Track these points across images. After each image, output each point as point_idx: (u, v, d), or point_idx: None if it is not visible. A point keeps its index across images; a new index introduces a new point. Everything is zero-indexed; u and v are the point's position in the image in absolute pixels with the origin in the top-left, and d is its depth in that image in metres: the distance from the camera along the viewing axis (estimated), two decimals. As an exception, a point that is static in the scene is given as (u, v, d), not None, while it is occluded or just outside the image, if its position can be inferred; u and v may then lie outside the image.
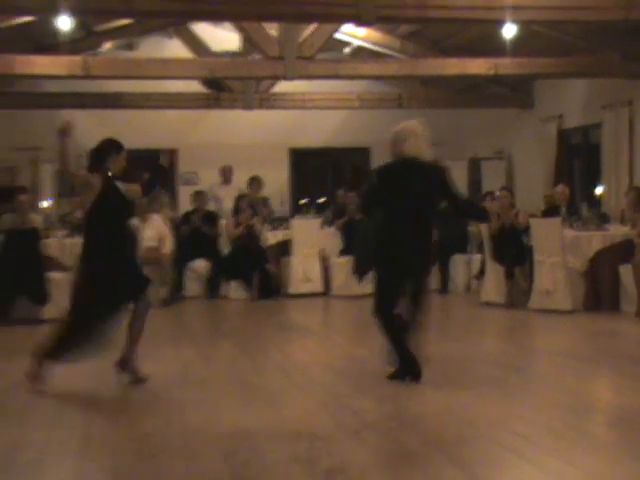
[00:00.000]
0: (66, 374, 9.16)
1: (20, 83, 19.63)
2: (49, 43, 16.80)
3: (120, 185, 9.44)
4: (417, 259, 9.47)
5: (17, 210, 14.95)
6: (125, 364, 9.14)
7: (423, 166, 9.53)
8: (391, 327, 9.31)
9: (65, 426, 7.75)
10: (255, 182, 18.76)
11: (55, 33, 15.07)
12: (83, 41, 18.47)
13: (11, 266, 14.12)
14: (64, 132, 9.25)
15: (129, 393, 9.09)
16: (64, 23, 13.99)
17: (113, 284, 9.02)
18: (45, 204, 17.03)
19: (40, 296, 14.17)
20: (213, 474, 6.10)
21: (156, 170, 10.16)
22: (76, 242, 15.52)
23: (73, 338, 8.98)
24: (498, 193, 17.30)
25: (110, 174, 9.19)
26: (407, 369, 9.25)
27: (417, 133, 9.82)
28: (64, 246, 15.59)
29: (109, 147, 9.33)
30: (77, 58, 16.72)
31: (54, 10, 12.52)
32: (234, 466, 6.25)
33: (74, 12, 12.85)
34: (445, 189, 9.55)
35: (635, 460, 6.31)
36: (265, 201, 19.00)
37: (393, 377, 9.30)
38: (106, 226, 9.14)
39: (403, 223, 9.39)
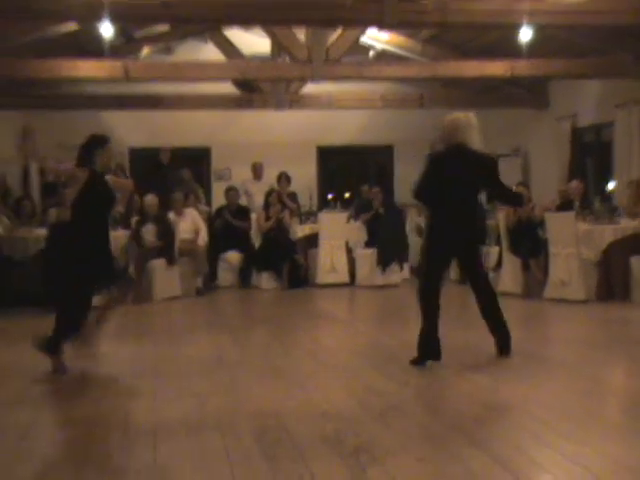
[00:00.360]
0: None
1: (65, 85, 19.68)
2: (92, 49, 16.83)
3: (109, 179, 9.54)
4: (465, 241, 9.67)
5: (62, 204, 14.96)
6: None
7: (475, 154, 9.52)
8: (432, 310, 9.45)
9: (111, 406, 7.78)
10: (283, 178, 18.76)
11: (98, 39, 15.07)
12: (124, 47, 18.51)
13: (54, 258, 14.14)
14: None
15: (167, 375, 9.11)
16: (106, 30, 14.02)
17: (85, 270, 9.14)
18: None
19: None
20: (245, 451, 6.11)
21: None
22: (118, 235, 15.64)
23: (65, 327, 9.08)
24: (515, 188, 17.26)
25: (96, 168, 9.27)
26: (431, 353, 9.31)
27: (471, 124, 9.70)
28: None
29: (94, 142, 9.40)
30: (118, 62, 16.78)
31: (97, 17, 12.57)
32: (265, 444, 6.25)
33: (116, 19, 12.89)
34: (493, 178, 9.70)
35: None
36: (293, 196, 19.00)
37: (416, 362, 9.33)
38: (87, 217, 9.24)
39: (454, 208, 9.49)
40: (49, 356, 9.00)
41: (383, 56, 19.95)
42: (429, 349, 9.35)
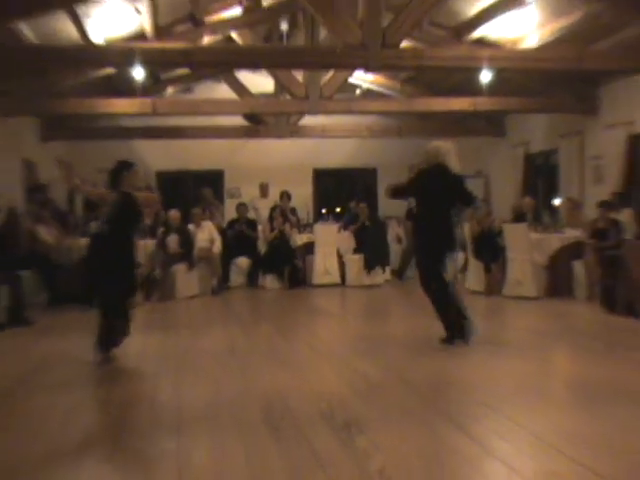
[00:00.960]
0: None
1: (102, 120, 19.73)
2: (125, 89, 16.90)
3: (138, 196, 9.53)
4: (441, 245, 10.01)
5: (100, 217, 15.00)
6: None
7: (451, 174, 9.94)
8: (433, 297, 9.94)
9: (141, 388, 7.81)
10: (285, 195, 18.76)
11: (130, 81, 15.14)
12: (152, 87, 18.55)
13: (94, 263, 14.16)
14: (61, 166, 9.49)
15: (188, 361, 9.13)
16: (137, 73, 14.09)
17: (115, 281, 9.11)
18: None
19: (117, 286, 14.21)
20: (255, 425, 6.13)
21: None
22: (146, 243, 15.68)
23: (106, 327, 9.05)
24: (478, 204, 17.30)
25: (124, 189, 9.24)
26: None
27: (450, 150, 10.19)
28: (137, 247, 15.63)
29: (121, 167, 9.35)
30: (147, 100, 16.87)
31: (130, 63, 12.61)
32: (271, 419, 6.28)
33: (145, 64, 12.95)
34: (463, 190, 10.10)
35: (584, 412, 6.35)
36: (293, 210, 19.02)
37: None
38: (119, 231, 9.21)
39: (434, 215, 9.89)
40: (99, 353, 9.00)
41: (368, 94, 19.99)
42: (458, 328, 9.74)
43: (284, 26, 17.60)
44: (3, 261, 11.96)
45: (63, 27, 13.65)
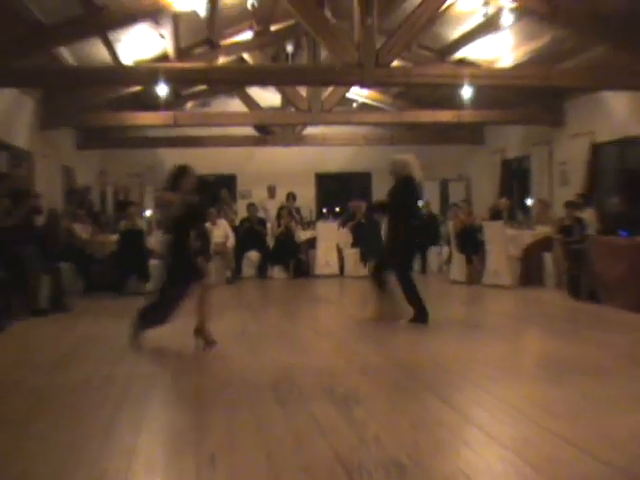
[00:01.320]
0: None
1: (131, 131, 19.74)
2: (151, 103, 16.92)
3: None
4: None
5: (129, 217, 15.05)
6: (199, 331, 9.01)
7: (415, 183, 10.24)
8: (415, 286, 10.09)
9: (164, 365, 7.84)
10: (291, 196, 18.75)
11: (155, 96, 15.16)
12: (173, 101, 18.56)
13: (125, 256, 14.22)
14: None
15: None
16: (161, 90, 14.10)
17: (183, 270, 9.03)
18: (147, 213, 17.09)
19: (145, 276, 14.24)
20: (265, 399, 6.14)
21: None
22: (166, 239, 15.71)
23: (160, 308, 8.94)
24: (460, 204, 17.35)
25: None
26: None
27: (414, 162, 10.46)
28: (160, 242, 15.68)
29: (180, 172, 9.23)
30: (169, 113, 16.94)
31: (155, 81, 12.63)
32: (278, 393, 6.29)
33: (168, 82, 12.97)
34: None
35: (553, 384, 6.35)
36: (298, 210, 19.02)
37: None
38: (181, 229, 9.12)
39: (411, 222, 10.13)
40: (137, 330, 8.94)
41: (364, 107, 19.99)
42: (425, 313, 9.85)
43: (289, 48, 17.61)
44: (45, 255, 11.99)
45: (97, 51, 13.70)
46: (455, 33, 14.88)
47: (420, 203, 10.82)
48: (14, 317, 10.70)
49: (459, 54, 15.43)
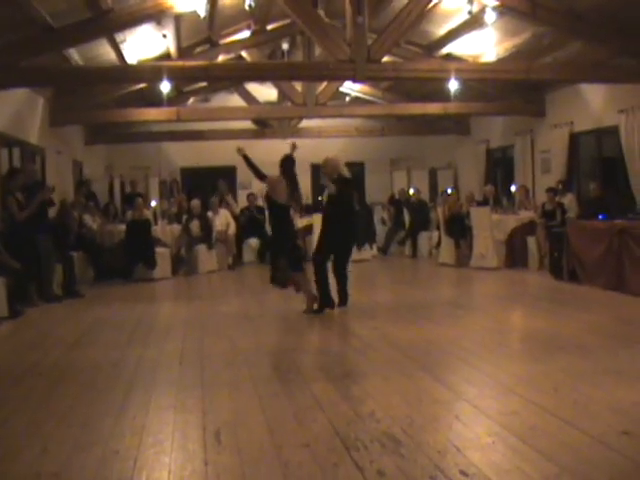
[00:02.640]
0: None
1: (136, 126, 19.71)
2: (154, 100, 16.91)
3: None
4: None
5: (136, 208, 15.06)
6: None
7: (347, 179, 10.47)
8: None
9: (171, 346, 7.87)
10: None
11: (159, 93, 15.15)
12: (176, 98, 18.52)
13: (132, 244, 14.23)
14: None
15: (209, 324, 9.19)
16: (165, 87, 14.08)
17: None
18: (153, 203, 17.07)
19: (151, 263, 14.27)
20: (265, 377, 6.19)
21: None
22: (173, 228, 15.74)
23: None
24: (449, 192, 17.41)
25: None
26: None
27: (342, 161, 10.75)
28: (165, 231, 15.70)
29: (288, 160, 10.92)
30: (172, 109, 16.88)
31: (159, 79, 12.62)
32: (279, 372, 6.35)
33: (171, 79, 12.96)
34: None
35: (535, 362, 6.41)
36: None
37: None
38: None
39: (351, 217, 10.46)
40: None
41: (356, 100, 19.95)
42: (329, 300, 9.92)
43: (285, 46, 17.56)
44: (58, 244, 12.01)
45: (104, 51, 13.68)
46: (441, 30, 14.85)
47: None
48: (30, 303, 10.74)
49: (445, 50, 15.39)
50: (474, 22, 13.25)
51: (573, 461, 3.97)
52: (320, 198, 14.15)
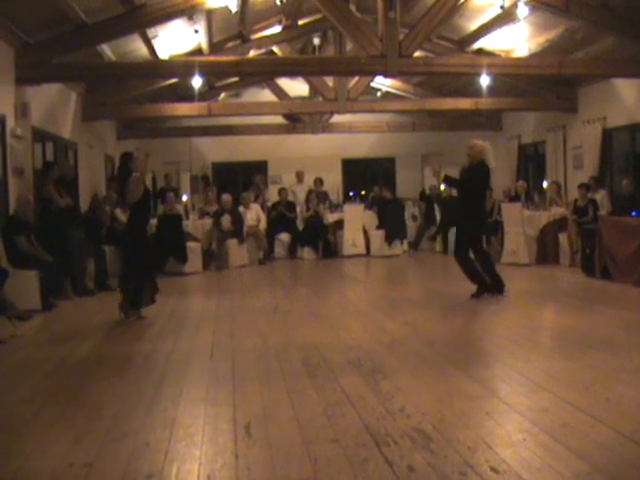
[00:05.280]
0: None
1: (168, 121, 19.83)
2: (187, 95, 17.01)
3: None
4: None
5: (167, 202, 15.13)
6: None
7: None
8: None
9: (203, 340, 7.89)
10: (318, 181, 18.78)
11: (191, 88, 15.24)
12: (208, 93, 18.60)
13: (164, 238, 14.29)
14: None
15: (240, 318, 9.21)
16: (196, 82, 14.17)
17: None
18: (184, 198, 17.17)
19: (182, 258, 14.34)
20: (295, 371, 6.19)
21: None
22: (204, 222, 15.79)
23: None
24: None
25: None
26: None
27: (490, 149, 10.57)
28: (197, 225, 15.75)
29: None
30: (204, 104, 17.01)
31: (191, 74, 12.70)
32: (309, 367, 6.34)
33: (203, 74, 13.02)
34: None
35: (568, 359, 6.34)
36: (325, 193, 19.00)
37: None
38: None
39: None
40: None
41: (387, 95, 19.93)
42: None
43: (316, 41, 17.58)
44: (90, 239, 12.10)
45: (136, 46, 13.79)
46: (473, 25, 14.79)
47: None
48: (63, 297, 10.82)
49: (477, 44, 15.33)
50: (506, 17, 13.17)
51: (604, 459, 3.94)
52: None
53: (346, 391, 5.45)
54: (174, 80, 16.03)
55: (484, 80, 14.25)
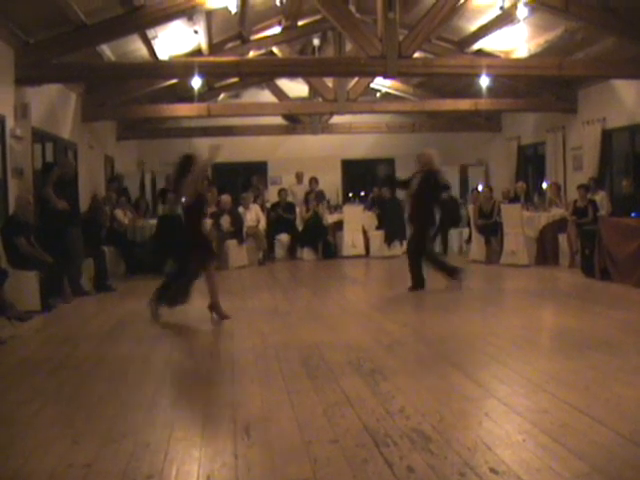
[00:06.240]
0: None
1: (168, 122, 19.84)
2: (186, 95, 17.02)
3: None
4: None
5: (167, 203, 15.13)
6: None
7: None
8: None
9: (202, 341, 7.89)
10: (314, 180, 18.71)
11: (190, 89, 15.26)
12: (207, 93, 18.61)
13: (163, 239, 14.28)
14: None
15: (240, 319, 9.20)
16: (196, 83, 14.18)
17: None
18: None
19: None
20: (294, 372, 6.19)
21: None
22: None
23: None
24: (481, 188, 17.31)
25: None
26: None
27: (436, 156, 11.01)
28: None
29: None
30: (203, 104, 17.04)
31: (190, 75, 12.72)
32: (309, 367, 6.34)
33: (202, 75, 13.03)
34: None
35: (567, 359, 6.34)
36: (321, 193, 18.90)
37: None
38: None
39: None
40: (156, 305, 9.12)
41: (387, 96, 19.95)
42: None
43: (316, 41, 17.60)
44: (89, 239, 12.09)
45: (136, 47, 13.81)
46: (473, 26, 14.81)
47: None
48: (61, 297, 10.81)
49: (477, 45, 15.36)
50: (506, 18, 13.19)
51: (604, 460, 3.94)
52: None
53: (346, 392, 5.45)
54: (174, 81, 16.06)
55: (484, 81, 14.28)
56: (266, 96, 19.49)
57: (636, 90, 14.16)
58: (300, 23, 16.52)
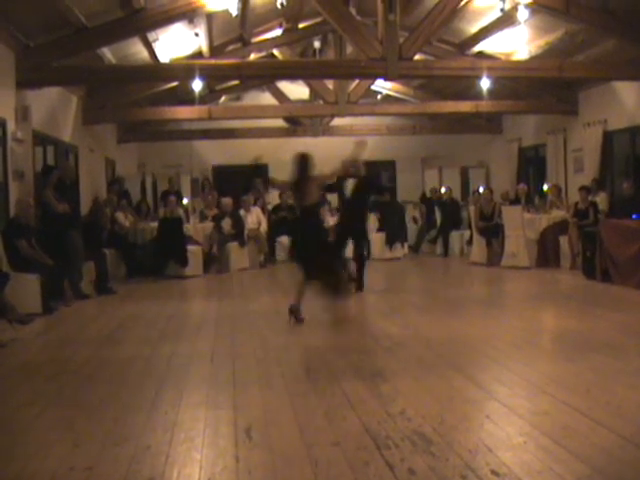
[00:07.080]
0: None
1: (168, 124, 19.83)
2: (187, 98, 17.03)
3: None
4: None
5: (168, 205, 15.15)
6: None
7: None
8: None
9: (204, 342, 7.89)
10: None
11: (191, 92, 15.26)
12: (208, 96, 18.60)
13: (164, 241, 14.29)
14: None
15: (241, 322, 9.20)
16: (197, 85, 14.18)
17: None
18: (185, 201, 17.18)
19: (182, 261, 14.33)
20: (297, 375, 6.20)
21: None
22: (205, 226, 15.77)
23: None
24: (482, 190, 17.29)
25: None
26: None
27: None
28: (197, 228, 15.74)
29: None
30: (204, 107, 17.05)
31: (191, 77, 12.74)
32: (310, 370, 6.35)
33: (203, 78, 13.04)
34: None
35: (568, 361, 6.36)
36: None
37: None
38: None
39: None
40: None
41: (387, 98, 19.93)
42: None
43: (317, 44, 17.61)
44: (90, 242, 12.09)
45: (136, 50, 13.81)
46: (473, 28, 14.82)
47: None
48: (62, 300, 10.81)
49: (477, 47, 15.37)
50: (506, 20, 13.20)
51: (605, 462, 3.94)
52: None
53: (347, 394, 5.45)
54: (174, 83, 16.06)
55: (484, 83, 14.28)
56: (267, 98, 19.49)
57: (636, 92, 14.16)
58: (301, 25, 16.52)
